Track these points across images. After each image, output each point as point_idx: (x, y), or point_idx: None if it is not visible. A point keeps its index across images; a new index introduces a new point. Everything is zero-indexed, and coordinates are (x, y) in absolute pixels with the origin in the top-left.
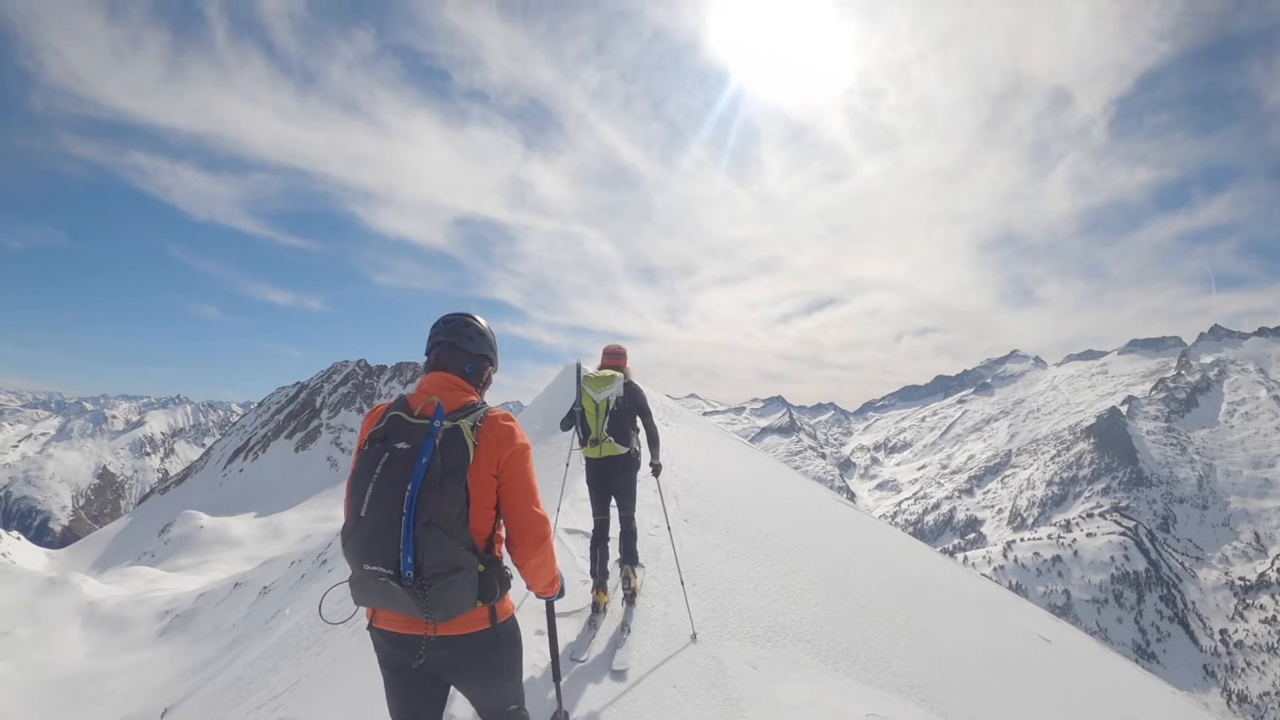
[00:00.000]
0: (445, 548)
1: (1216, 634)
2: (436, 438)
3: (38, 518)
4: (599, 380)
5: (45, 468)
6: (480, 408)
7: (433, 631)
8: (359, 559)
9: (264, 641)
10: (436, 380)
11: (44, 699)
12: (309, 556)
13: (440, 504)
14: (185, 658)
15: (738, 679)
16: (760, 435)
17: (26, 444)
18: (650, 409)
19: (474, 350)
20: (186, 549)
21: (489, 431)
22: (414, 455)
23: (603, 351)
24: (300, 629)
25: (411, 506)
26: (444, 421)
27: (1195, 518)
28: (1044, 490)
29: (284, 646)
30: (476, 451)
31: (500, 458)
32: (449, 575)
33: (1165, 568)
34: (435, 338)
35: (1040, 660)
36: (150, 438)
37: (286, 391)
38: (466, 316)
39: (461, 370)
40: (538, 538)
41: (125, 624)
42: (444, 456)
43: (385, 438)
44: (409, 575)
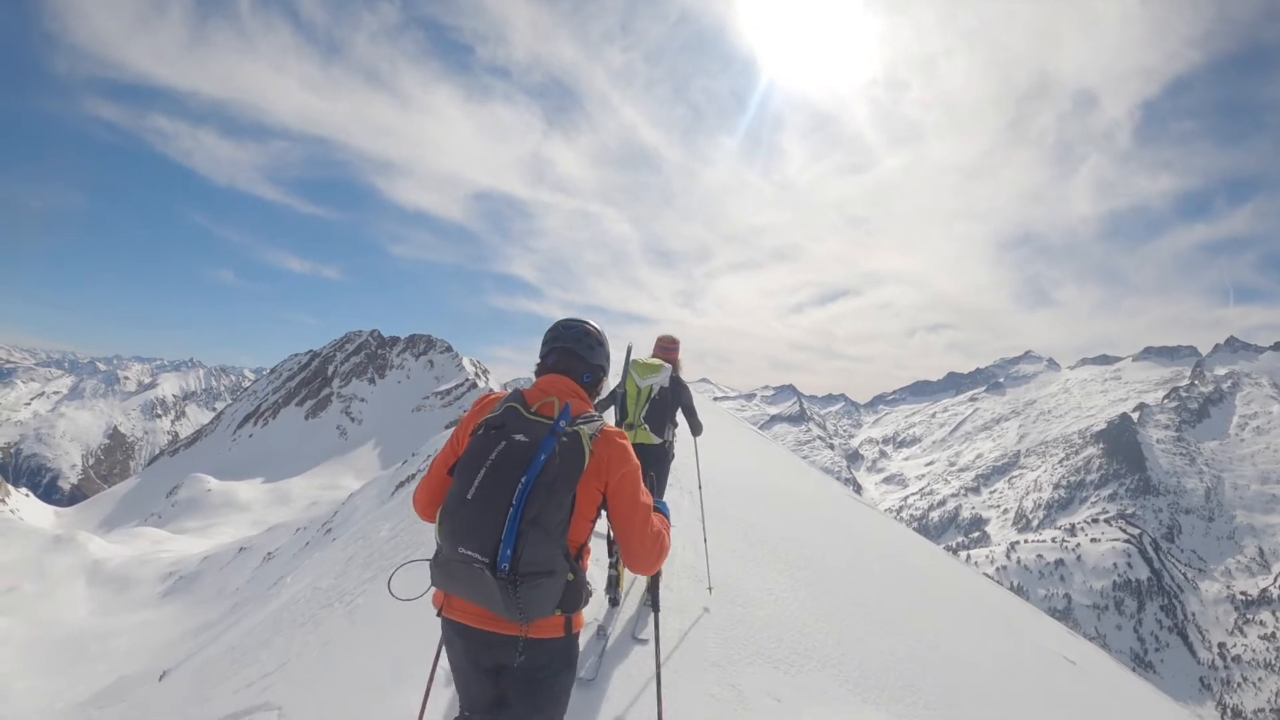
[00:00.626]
0: (545, 548)
1: (1215, 647)
2: (560, 437)
3: (47, 475)
4: (647, 367)
5: (56, 426)
6: (597, 419)
7: (525, 632)
8: (455, 541)
9: (263, 609)
10: (556, 382)
11: (48, 655)
12: (314, 524)
13: (549, 504)
14: (187, 619)
15: (760, 714)
16: (770, 423)
17: (39, 402)
18: (695, 407)
19: (593, 360)
20: (193, 511)
21: (605, 446)
22: (533, 450)
23: (655, 340)
24: (298, 601)
25: (522, 500)
26: (568, 424)
27: (1200, 529)
28: (1050, 493)
29: (279, 620)
30: (591, 461)
31: (611, 476)
32: (541, 577)
33: (1167, 577)
34: (555, 342)
35: (1069, 686)
36: (162, 400)
37: (299, 359)
38: (587, 325)
39: (580, 379)
40: (654, 554)
41: (129, 583)
42: (561, 458)
43: (503, 426)
44: (504, 568)
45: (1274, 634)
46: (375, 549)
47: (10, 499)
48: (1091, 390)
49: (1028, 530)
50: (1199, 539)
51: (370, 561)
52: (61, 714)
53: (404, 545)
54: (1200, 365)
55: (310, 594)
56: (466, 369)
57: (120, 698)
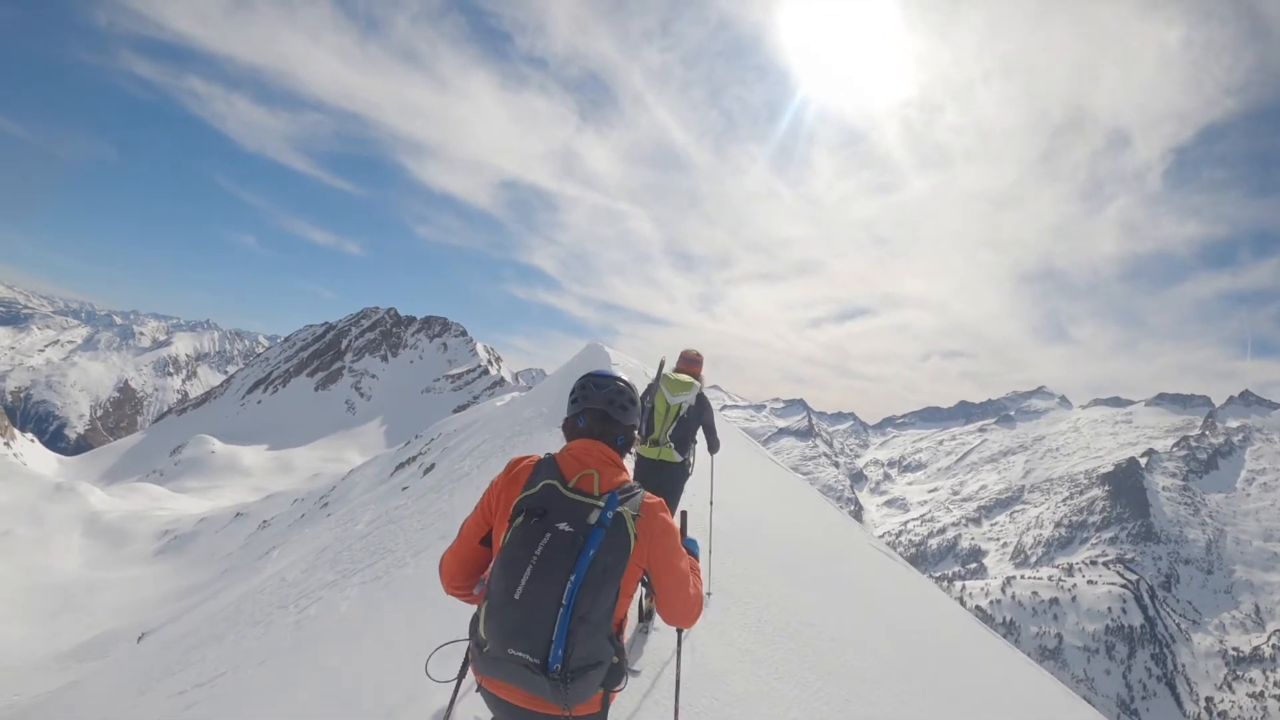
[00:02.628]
0: (594, 642)
1: (1202, 701)
2: (606, 529)
3: (54, 423)
4: (677, 384)
5: (68, 375)
6: (636, 492)
7: (568, 713)
8: (504, 642)
9: (243, 584)
10: (593, 451)
11: (36, 602)
12: (312, 496)
13: (597, 600)
14: (176, 579)
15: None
16: (777, 435)
17: (53, 349)
18: (716, 426)
19: (627, 422)
20: (196, 471)
21: (648, 523)
22: (580, 545)
23: (680, 355)
24: (263, 590)
25: (571, 599)
26: (614, 510)
27: (1199, 581)
28: (1051, 530)
29: (240, 610)
30: (635, 545)
31: (654, 551)
32: (590, 669)
33: (1161, 626)
34: (586, 402)
35: None
36: (175, 358)
37: (314, 330)
38: (618, 383)
39: (614, 442)
40: (694, 614)
41: (125, 538)
42: (608, 550)
43: (545, 514)
44: (556, 668)
45: (1263, 693)
46: (346, 545)
47: (15, 442)
48: (1101, 431)
49: (1025, 566)
50: (1196, 590)
51: (338, 560)
52: (43, 662)
53: (375, 550)
54: (1212, 416)
55: (277, 584)
56: (480, 355)
57: (101, 653)
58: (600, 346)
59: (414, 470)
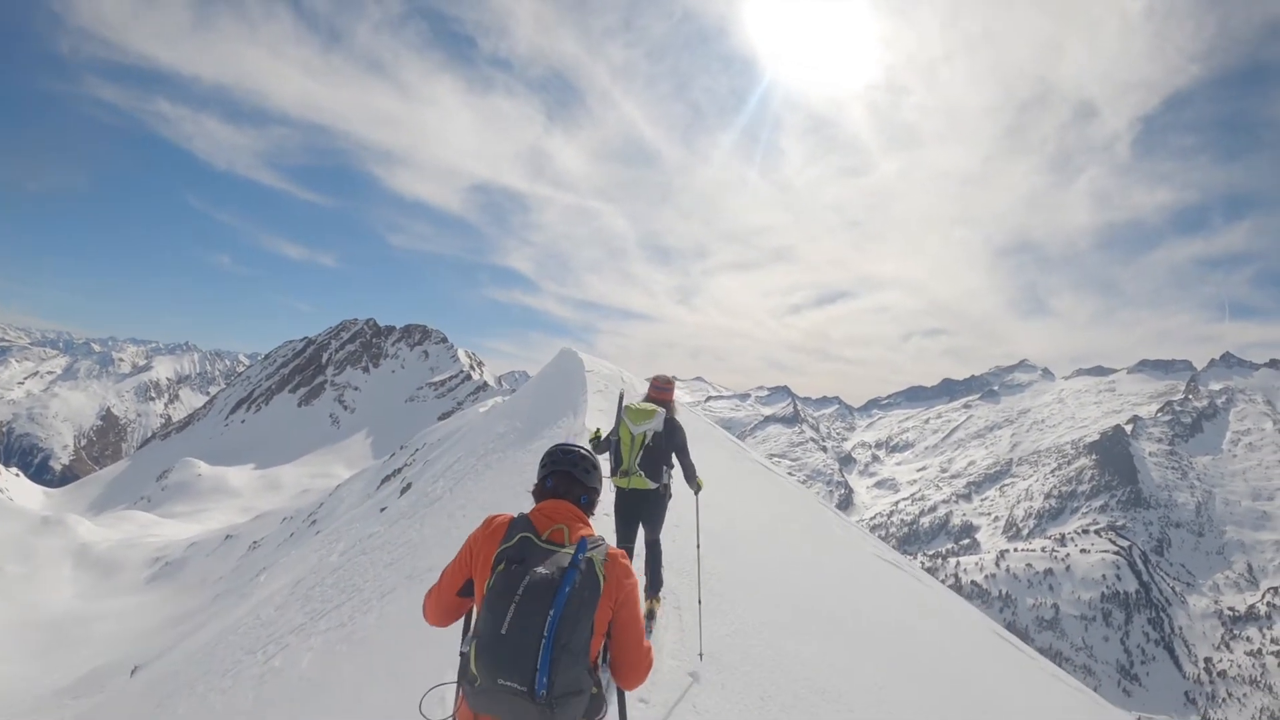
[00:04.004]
0: (574, 671)
1: (1201, 662)
2: (578, 568)
3: (39, 455)
4: (639, 413)
5: (49, 406)
6: (601, 543)
7: None
8: (494, 674)
9: (230, 613)
10: (561, 509)
11: (29, 638)
12: (300, 514)
13: (575, 631)
14: (169, 606)
15: None
16: (763, 424)
17: (32, 381)
18: (688, 447)
19: (589, 483)
20: (183, 496)
21: (613, 568)
22: (556, 583)
23: (650, 382)
24: (239, 629)
25: (552, 631)
26: (582, 554)
27: (1190, 544)
28: (1042, 502)
29: (214, 653)
30: (605, 584)
31: (619, 595)
32: (573, 696)
33: (1156, 591)
34: (554, 466)
35: None
36: (156, 383)
37: (294, 345)
38: (580, 450)
39: (578, 500)
40: (646, 668)
41: (115, 567)
42: (582, 588)
43: (523, 561)
44: (542, 694)
45: (1260, 650)
46: (320, 579)
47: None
48: (1085, 401)
49: (1018, 539)
50: (1188, 553)
51: (310, 596)
52: (39, 700)
53: (345, 587)
54: (1195, 380)
55: (251, 623)
56: (461, 360)
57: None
58: (573, 351)
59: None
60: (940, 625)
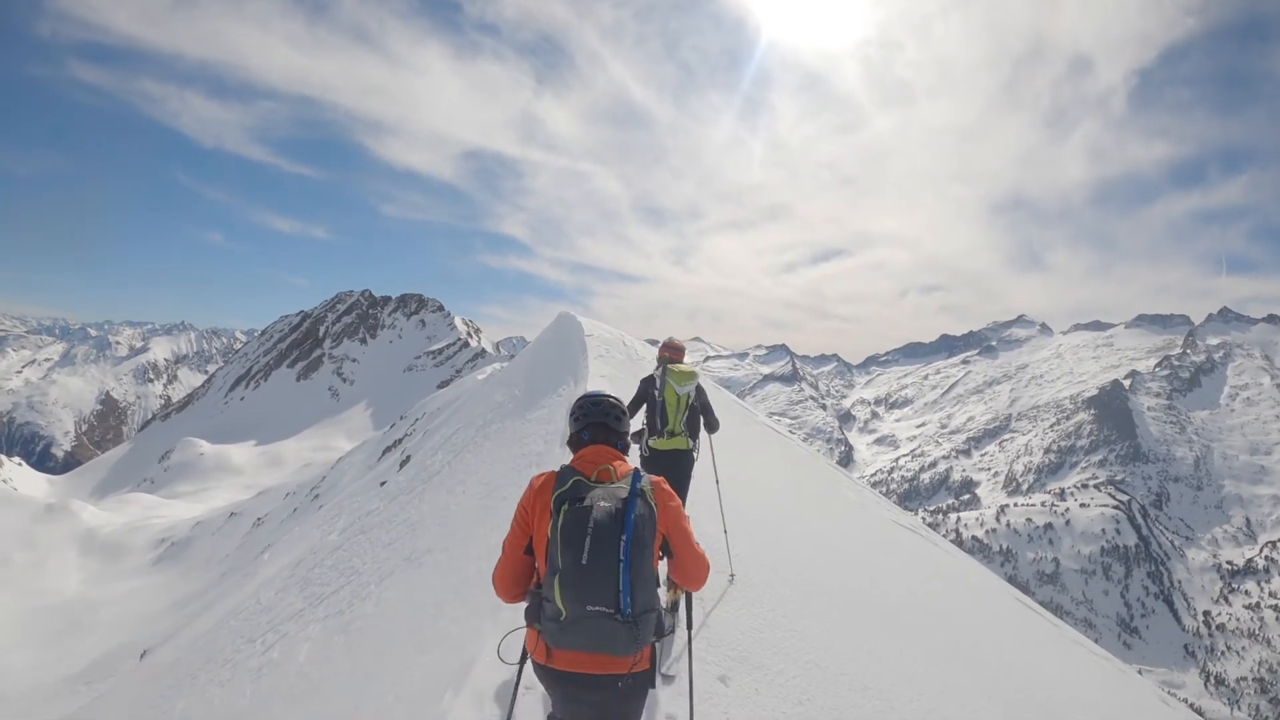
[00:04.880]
0: (648, 590)
1: (1200, 615)
2: (639, 498)
3: (40, 443)
4: (683, 375)
5: (49, 394)
6: (643, 475)
7: (630, 668)
8: (583, 601)
9: (233, 594)
10: (602, 452)
11: (38, 627)
12: (303, 489)
13: (643, 553)
14: (177, 588)
15: None
16: (762, 383)
17: (30, 370)
18: (712, 405)
19: (622, 430)
20: (186, 476)
21: (659, 494)
22: (622, 512)
23: (664, 344)
24: (239, 613)
25: (627, 554)
26: (639, 485)
27: (1189, 498)
28: (1041, 457)
29: (214, 641)
30: (658, 511)
31: (668, 516)
32: (650, 613)
33: (1155, 544)
34: (587, 419)
35: None
36: (154, 364)
37: (290, 320)
38: (610, 399)
39: (616, 446)
40: (705, 568)
41: (121, 551)
42: (642, 512)
43: (582, 499)
44: (628, 613)
45: (1258, 604)
46: (319, 560)
47: (3, 469)
48: (1083, 356)
49: (1017, 494)
50: (1187, 507)
51: (309, 579)
52: (53, 687)
53: (343, 569)
54: (1192, 334)
55: (252, 607)
56: (458, 328)
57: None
58: (571, 315)
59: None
60: (965, 598)
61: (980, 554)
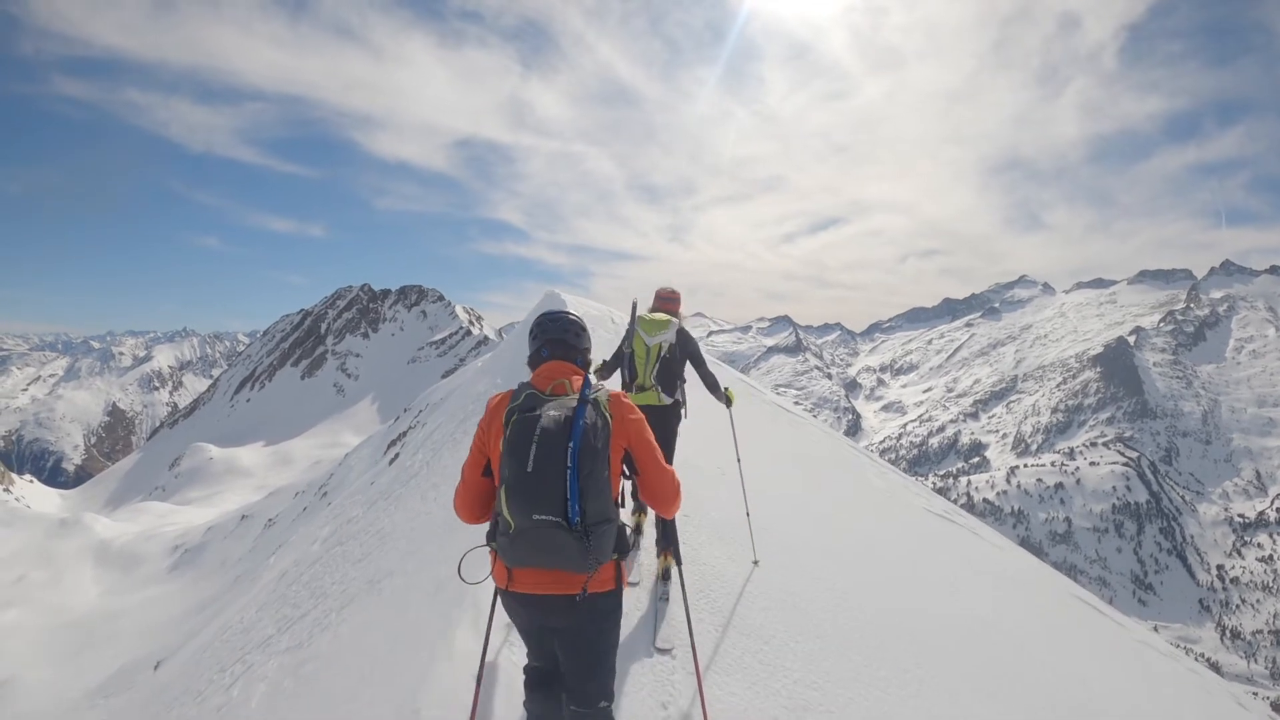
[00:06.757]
0: (601, 499)
1: (1213, 569)
2: (588, 404)
3: (51, 459)
4: (653, 324)
5: (55, 409)
6: (602, 388)
7: (586, 586)
8: (529, 510)
9: (235, 603)
10: (559, 367)
11: (58, 642)
12: (312, 487)
13: (595, 461)
14: (192, 594)
15: None
16: (766, 355)
17: (35, 386)
18: (704, 357)
19: (582, 346)
20: (197, 481)
21: (616, 405)
22: (570, 419)
23: (655, 294)
24: (243, 619)
25: (575, 460)
26: (590, 394)
27: (1198, 452)
28: (1049, 417)
29: (218, 651)
30: (613, 422)
31: (629, 430)
32: (604, 524)
33: (1166, 500)
34: (544, 335)
35: None
36: (158, 372)
37: (291, 319)
38: (569, 315)
39: (575, 363)
40: (674, 490)
41: (137, 561)
42: (595, 421)
43: (533, 409)
44: (576, 521)
45: (1271, 556)
46: (299, 574)
47: (15, 487)
48: (1087, 314)
49: (1027, 455)
50: (1196, 462)
51: (286, 598)
52: (73, 702)
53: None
54: (1195, 288)
55: (236, 627)
56: (460, 317)
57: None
58: (557, 294)
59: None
60: (1016, 605)
61: (992, 516)
